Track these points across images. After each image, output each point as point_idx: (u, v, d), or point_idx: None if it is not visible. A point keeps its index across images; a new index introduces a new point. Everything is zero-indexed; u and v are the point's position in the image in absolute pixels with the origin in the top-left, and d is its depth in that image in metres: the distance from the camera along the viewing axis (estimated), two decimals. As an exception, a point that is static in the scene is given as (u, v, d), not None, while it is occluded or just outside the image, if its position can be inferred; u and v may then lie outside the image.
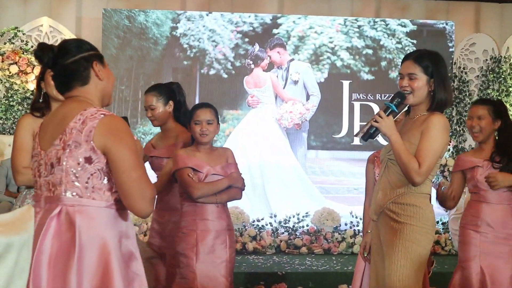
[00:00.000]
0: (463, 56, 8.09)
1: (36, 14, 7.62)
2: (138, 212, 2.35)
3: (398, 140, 3.11)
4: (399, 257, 3.08)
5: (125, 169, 2.30)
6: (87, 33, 7.74)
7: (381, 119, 3.14)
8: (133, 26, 7.73)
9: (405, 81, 3.27)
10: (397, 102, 3.22)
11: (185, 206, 3.88)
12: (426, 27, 8.17)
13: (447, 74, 3.29)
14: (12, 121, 7.35)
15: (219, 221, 3.85)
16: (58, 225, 2.30)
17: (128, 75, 7.73)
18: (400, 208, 3.15)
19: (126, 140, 2.32)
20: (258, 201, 7.75)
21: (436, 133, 3.12)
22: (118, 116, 2.40)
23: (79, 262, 2.25)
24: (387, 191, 3.20)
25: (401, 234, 3.10)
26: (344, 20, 8.01)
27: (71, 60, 2.39)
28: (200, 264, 3.78)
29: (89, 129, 2.29)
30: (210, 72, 7.82)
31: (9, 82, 7.29)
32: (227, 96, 7.85)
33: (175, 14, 7.82)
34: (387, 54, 8.03)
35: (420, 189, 3.17)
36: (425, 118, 3.19)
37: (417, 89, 3.22)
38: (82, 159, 2.30)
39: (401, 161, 3.09)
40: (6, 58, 7.23)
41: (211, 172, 3.88)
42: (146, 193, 2.32)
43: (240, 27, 7.88)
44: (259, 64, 7.85)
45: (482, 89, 7.99)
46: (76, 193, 2.32)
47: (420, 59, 3.24)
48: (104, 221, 2.33)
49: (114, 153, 2.30)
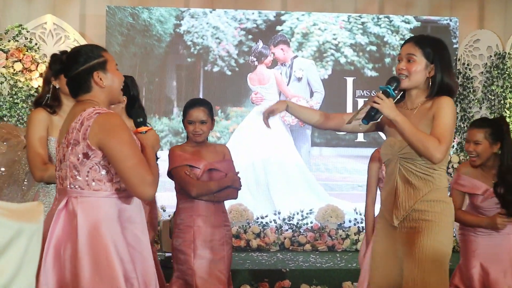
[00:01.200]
0: (467, 52, 8.07)
1: (40, 11, 7.62)
2: (140, 196, 2.57)
3: (406, 120, 2.94)
4: (426, 258, 2.90)
5: (120, 160, 2.52)
6: (91, 31, 7.75)
7: (382, 100, 2.96)
8: (137, 23, 7.74)
9: (403, 63, 3.09)
10: (393, 85, 3.04)
11: (181, 202, 3.89)
12: (430, 24, 8.15)
13: (452, 62, 3.15)
14: (16, 119, 7.36)
15: (216, 217, 3.86)
16: (65, 215, 2.57)
17: (132, 72, 7.72)
18: (429, 206, 2.98)
19: (118, 134, 2.54)
20: (262, 198, 7.75)
21: (449, 111, 2.96)
22: (113, 112, 2.60)
23: (81, 249, 2.49)
24: (410, 191, 3.02)
25: (428, 233, 2.94)
26: (348, 16, 8.00)
27: (73, 73, 2.67)
28: (198, 260, 3.78)
29: (85, 128, 2.55)
30: (214, 69, 7.82)
31: (13, 79, 7.30)
32: (230, 93, 7.85)
33: (178, 11, 7.82)
34: (391, 51, 8.01)
35: (442, 183, 3.02)
36: (431, 104, 3.03)
37: (415, 72, 3.05)
38: (81, 155, 2.57)
39: (416, 138, 2.90)
40: (10, 56, 7.24)
41: (209, 166, 3.88)
42: (145, 178, 2.52)
43: (243, 24, 7.88)
44: (262, 61, 7.84)
45: (487, 86, 7.97)
46: (78, 186, 2.58)
47: (421, 42, 3.09)
48: (104, 210, 2.56)
49: (108, 147, 2.53)
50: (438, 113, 2.96)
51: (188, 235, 3.82)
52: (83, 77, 2.65)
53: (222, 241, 3.86)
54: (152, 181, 2.54)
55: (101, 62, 2.67)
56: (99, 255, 2.51)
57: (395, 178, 3.07)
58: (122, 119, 2.62)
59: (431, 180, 2.99)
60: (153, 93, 7.77)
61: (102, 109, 2.60)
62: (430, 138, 2.90)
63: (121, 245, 2.57)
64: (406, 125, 2.93)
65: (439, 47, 3.10)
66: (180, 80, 7.84)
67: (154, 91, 7.78)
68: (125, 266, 2.54)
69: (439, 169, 3.02)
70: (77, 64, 2.65)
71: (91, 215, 2.54)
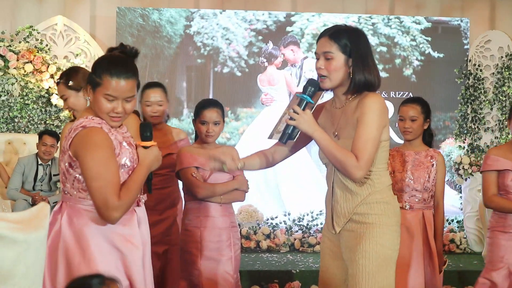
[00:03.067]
0: (478, 53, 8.03)
1: (51, 13, 7.65)
2: (103, 218, 2.52)
3: (324, 136, 2.71)
4: (368, 263, 2.72)
5: (87, 178, 2.51)
6: (101, 32, 7.77)
7: (298, 115, 2.68)
8: (147, 25, 7.75)
9: (321, 62, 2.79)
10: (310, 92, 2.73)
11: (189, 203, 3.90)
12: (440, 24, 8.12)
13: (369, 52, 2.85)
14: (27, 120, 7.38)
15: (223, 218, 3.87)
16: (55, 218, 2.61)
17: (142, 74, 7.72)
18: (369, 208, 2.78)
19: (92, 151, 2.50)
20: (272, 199, 7.74)
21: (372, 116, 2.71)
22: (97, 128, 2.55)
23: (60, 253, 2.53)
24: (348, 197, 2.83)
25: (369, 237, 2.74)
26: (358, 17, 7.98)
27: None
28: (205, 261, 3.79)
29: (69, 139, 2.56)
30: (224, 70, 7.82)
31: (24, 80, 7.33)
32: (240, 94, 7.84)
33: (188, 12, 7.82)
34: (401, 52, 7.99)
35: (383, 183, 2.81)
36: (356, 104, 2.79)
37: (334, 70, 2.77)
38: (67, 164, 2.59)
39: (335, 159, 2.70)
40: (21, 57, 7.26)
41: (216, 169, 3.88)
42: (109, 202, 2.48)
43: (253, 25, 7.88)
44: (272, 62, 7.84)
45: (498, 87, 7.93)
46: (68, 192, 2.62)
47: (336, 35, 2.79)
48: (87, 218, 2.55)
49: (80, 162, 2.53)
50: (361, 120, 2.72)
51: (195, 236, 3.82)
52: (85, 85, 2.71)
53: (229, 242, 3.86)
54: (117, 205, 2.49)
55: (94, 81, 2.61)
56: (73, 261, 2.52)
57: (331, 184, 2.92)
58: (105, 137, 2.56)
59: (369, 183, 2.79)
60: (163, 94, 7.77)
61: (91, 121, 2.58)
62: (348, 157, 2.68)
63: (108, 254, 2.55)
64: (325, 142, 2.71)
65: (355, 37, 2.81)
66: (190, 81, 7.85)
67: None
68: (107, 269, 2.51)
69: (376, 169, 2.81)
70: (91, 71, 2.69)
71: (74, 222, 2.56)
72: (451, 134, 7.95)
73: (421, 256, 3.99)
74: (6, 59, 7.24)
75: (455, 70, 7.97)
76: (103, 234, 2.56)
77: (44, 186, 6.65)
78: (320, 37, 2.83)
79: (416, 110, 4.03)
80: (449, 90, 7.99)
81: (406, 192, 4.04)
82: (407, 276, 3.94)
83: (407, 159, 4.07)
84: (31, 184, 6.61)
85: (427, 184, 4.03)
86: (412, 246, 3.98)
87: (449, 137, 7.93)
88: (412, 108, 4.04)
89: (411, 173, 4.04)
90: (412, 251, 3.98)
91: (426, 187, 4.03)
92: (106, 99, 2.58)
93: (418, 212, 4.03)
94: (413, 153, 4.09)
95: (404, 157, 4.08)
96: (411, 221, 4.01)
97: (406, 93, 7.90)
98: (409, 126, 4.03)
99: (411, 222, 4.01)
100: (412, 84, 7.96)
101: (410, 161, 4.06)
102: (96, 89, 2.59)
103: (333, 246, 2.93)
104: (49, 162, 6.66)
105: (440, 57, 8.01)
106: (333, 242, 2.94)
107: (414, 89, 7.87)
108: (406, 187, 4.04)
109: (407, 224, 3.98)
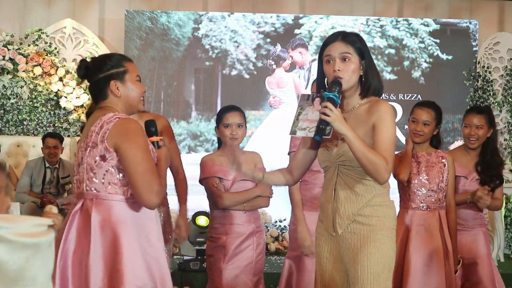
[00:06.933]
0: (487, 55, 8.01)
1: (60, 16, 7.68)
2: (145, 203, 2.58)
3: (357, 136, 2.64)
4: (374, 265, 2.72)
5: (132, 163, 2.55)
6: (110, 35, 7.79)
7: (332, 112, 2.57)
8: (155, 27, 7.77)
9: (338, 63, 2.74)
10: (337, 91, 2.65)
11: (214, 211, 3.93)
12: (449, 26, 8.10)
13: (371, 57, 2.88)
14: (36, 122, 7.41)
15: (249, 225, 3.89)
16: (80, 217, 2.60)
17: (151, 76, 7.76)
18: (372, 210, 2.78)
19: (134, 138, 2.58)
20: (280, 201, 7.71)
21: (391, 122, 2.72)
22: (133, 119, 2.68)
23: (93, 249, 2.53)
24: (352, 198, 2.79)
25: (374, 239, 2.75)
26: (367, 20, 7.97)
27: (94, 80, 2.73)
28: (227, 265, 3.80)
29: (105, 131, 2.59)
30: (232, 73, 7.83)
31: (33, 83, 7.37)
32: (249, 97, 7.85)
33: (197, 15, 7.84)
34: (410, 54, 7.98)
35: (385, 185, 2.80)
36: (367, 108, 2.77)
37: (352, 72, 2.74)
38: (98, 158, 2.60)
39: (367, 159, 2.63)
40: (30, 60, 7.30)
41: (238, 178, 3.87)
42: (153, 186, 2.55)
43: (262, 28, 7.88)
44: (281, 65, 7.84)
45: (507, 89, 7.90)
46: (94, 188, 2.61)
47: (349, 38, 2.78)
48: (119, 213, 2.59)
49: (122, 149, 2.57)
50: (380, 125, 2.71)
51: (220, 241, 3.86)
52: (101, 84, 2.71)
53: (252, 247, 3.89)
54: (158, 190, 2.57)
55: (120, 72, 2.71)
56: (110, 257, 2.54)
57: (333, 186, 2.85)
58: (141, 126, 2.66)
59: (373, 185, 2.77)
60: (171, 97, 7.80)
61: (122, 115, 2.66)
62: (380, 159, 2.65)
63: (137, 250, 2.57)
64: (356, 143, 2.63)
65: (363, 41, 2.84)
66: (198, 84, 7.86)
67: (172, 95, 7.80)
68: (137, 272, 2.54)
69: None
70: (98, 72, 2.71)
71: (105, 217, 2.57)
72: (459, 136, 7.92)
73: (441, 256, 3.99)
74: (15, 62, 7.28)
75: (463, 72, 7.96)
76: (136, 227, 2.61)
77: (52, 189, 6.67)
78: (330, 42, 2.80)
79: (431, 115, 4.05)
80: (458, 92, 7.97)
81: (423, 192, 4.05)
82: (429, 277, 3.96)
83: (420, 160, 4.08)
84: (40, 187, 6.63)
85: (441, 184, 4.05)
86: (433, 246, 3.99)
87: (458, 139, 7.91)
88: (427, 112, 4.06)
89: (426, 174, 4.04)
90: (432, 252, 3.98)
91: (441, 187, 4.05)
92: (139, 81, 2.77)
93: (435, 212, 4.05)
94: (425, 154, 4.10)
95: (417, 159, 4.09)
96: (430, 221, 4.02)
97: (414, 95, 7.89)
98: (421, 130, 4.04)
99: (430, 223, 4.02)
100: (420, 86, 7.95)
101: (423, 162, 4.07)
102: (125, 77, 2.72)
103: (332, 249, 2.89)
104: (56, 165, 6.68)
105: (449, 59, 7.99)
106: (331, 245, 2.90)
107: (422, 91, 7.85)
108: (422, 187, 4.05)
109: (426, 224, 4.00)
